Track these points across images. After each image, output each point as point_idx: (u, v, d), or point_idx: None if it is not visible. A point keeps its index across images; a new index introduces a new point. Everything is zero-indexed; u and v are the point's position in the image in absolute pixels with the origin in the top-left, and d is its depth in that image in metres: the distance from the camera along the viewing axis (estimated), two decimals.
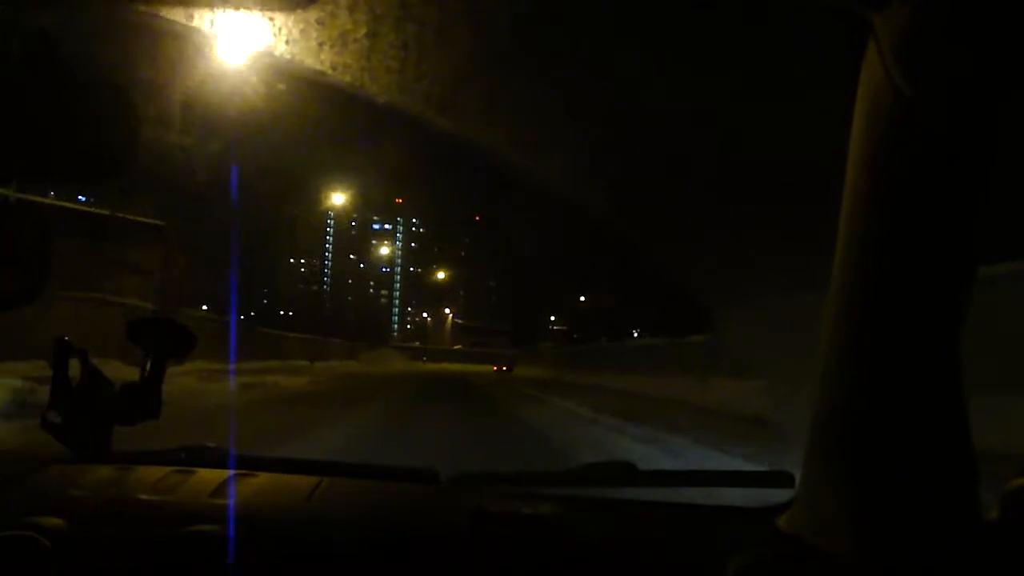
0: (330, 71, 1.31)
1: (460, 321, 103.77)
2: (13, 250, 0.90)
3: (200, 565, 1.08)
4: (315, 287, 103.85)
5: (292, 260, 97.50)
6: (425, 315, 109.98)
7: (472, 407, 16.90)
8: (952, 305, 0.87)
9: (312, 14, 1.23)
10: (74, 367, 1.36)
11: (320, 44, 1.28)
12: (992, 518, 0.91)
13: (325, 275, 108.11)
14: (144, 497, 1.25)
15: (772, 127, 1.32)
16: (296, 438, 8.31)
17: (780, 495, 1.22)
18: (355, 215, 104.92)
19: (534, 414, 14.74)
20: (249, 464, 1.43)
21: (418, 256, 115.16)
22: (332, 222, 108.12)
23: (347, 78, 1.34)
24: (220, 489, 1.29)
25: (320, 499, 1.29)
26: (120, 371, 1.43)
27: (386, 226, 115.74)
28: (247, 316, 47.81)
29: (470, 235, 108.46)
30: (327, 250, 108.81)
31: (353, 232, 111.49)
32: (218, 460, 1.44)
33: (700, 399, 15.83)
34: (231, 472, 1.36)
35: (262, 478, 1.36)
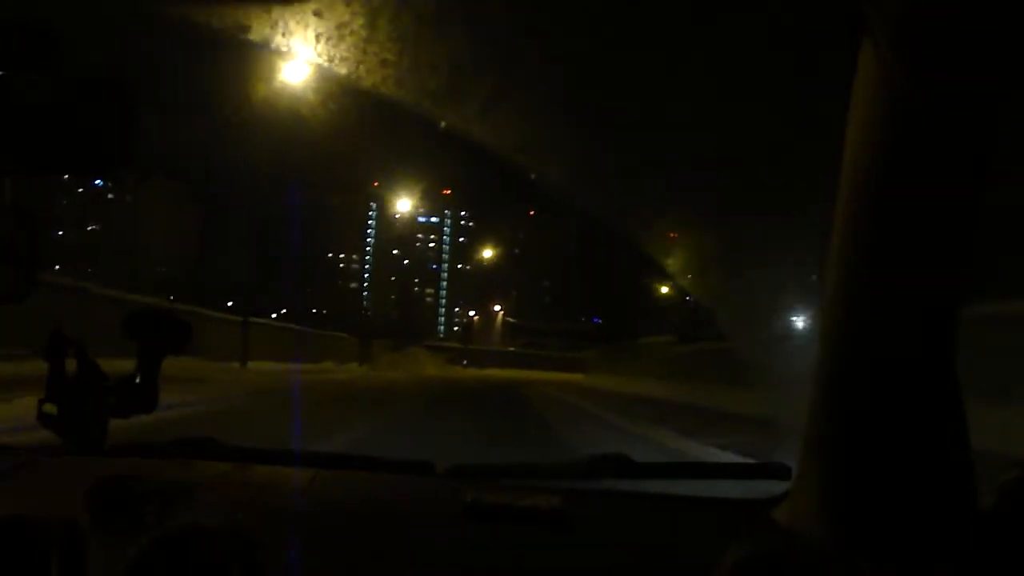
0: (327, 63, 1.43)
1: (512, 320, 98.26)
2: (3, 248, 0.98)
3: (197, 558, 1.16)
4: (353, 284, 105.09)
5: (330, 255, 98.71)
6: (472, 313, 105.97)
7: None
8: (948, 300, 0.93)
9: (309, 6, 1.35)
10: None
11: (317, 36, 1.39)
12: (989, 510, 0.96)
13: (366, 271, 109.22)
14: (141, 490, 1.35)
15: (769, 124, 1.37)
16: None
17: (777, 487, 1.31)
18: (398, 206, 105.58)
19: None
20: (245, 456, 1.54)
21: (467, 252, 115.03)
22: (374, 214, 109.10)
23: (343, 70, 1.45)
24: (216, 482, 1.40)
25: (317, 491, 1.40)
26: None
27: (432, 219, 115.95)
28: (278, 314, 46.90)
29: (524, 230, 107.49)
30: (368, 244, 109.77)
31: (397, 225, 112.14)
32: (214, 453, 1.56)
33: None
34: (227, 465, 1.47)
35: (258, 470, 1.48)
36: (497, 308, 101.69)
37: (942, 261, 0.92)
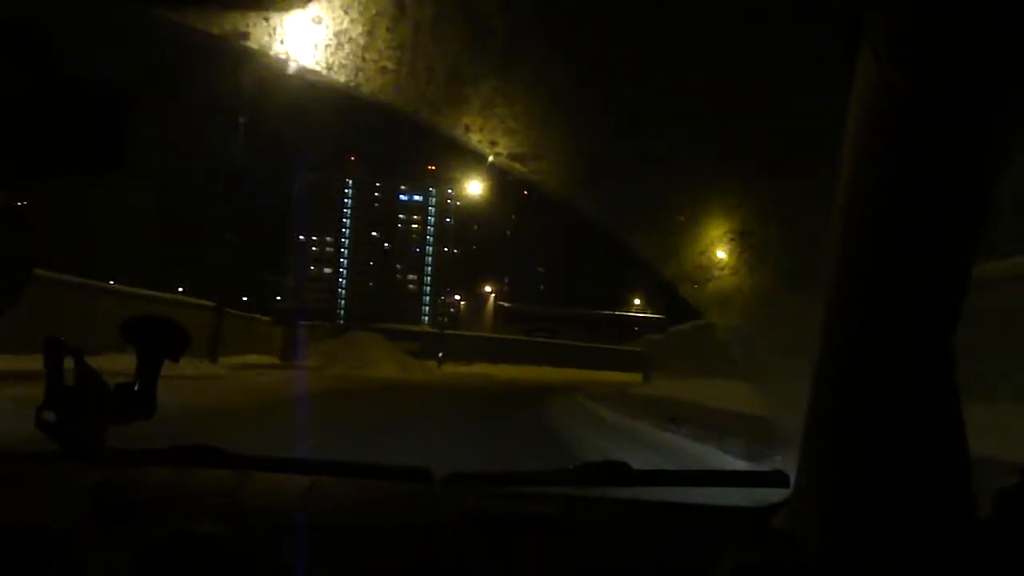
0: (325, 71, 1.55)
1: (506, 304, 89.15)
2: None
3: (195, 565, 1.26)
4: (328, 269, 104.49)
5: (301, 237, 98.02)
6: (458, 297, 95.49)
7: None
8: (947, 303, 1.01)
9: (308, 13, 1.47)
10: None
11: (315, 44, 1.52)
12: (988, 516, 1.04)
13: (342, 255, 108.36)
14: (139, 497, 1.45)
15: (766, 127, 1.50)
16: None
17: (775, 495, 1.43)
18: (378, 183, 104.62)
19: None
20: (244, 463, 1.67)
21: (454, 234, 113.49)
22: (351, 192, 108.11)
23: (342, 77, 1.57)
24: (215, 488, 1.52)
25: (315, 498, 1.51)
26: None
27: (416, 197, 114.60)
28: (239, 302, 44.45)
29: (517, 212, 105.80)
30: (344, 225, 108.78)
31: (376, 204, 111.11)
32: (213, 459, 1.68)
33: None
34: (226, 471, 1.60)
35: (257, 477, 1.60)
36: (487, 289, 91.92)
37: (943, 264, 1.00)
